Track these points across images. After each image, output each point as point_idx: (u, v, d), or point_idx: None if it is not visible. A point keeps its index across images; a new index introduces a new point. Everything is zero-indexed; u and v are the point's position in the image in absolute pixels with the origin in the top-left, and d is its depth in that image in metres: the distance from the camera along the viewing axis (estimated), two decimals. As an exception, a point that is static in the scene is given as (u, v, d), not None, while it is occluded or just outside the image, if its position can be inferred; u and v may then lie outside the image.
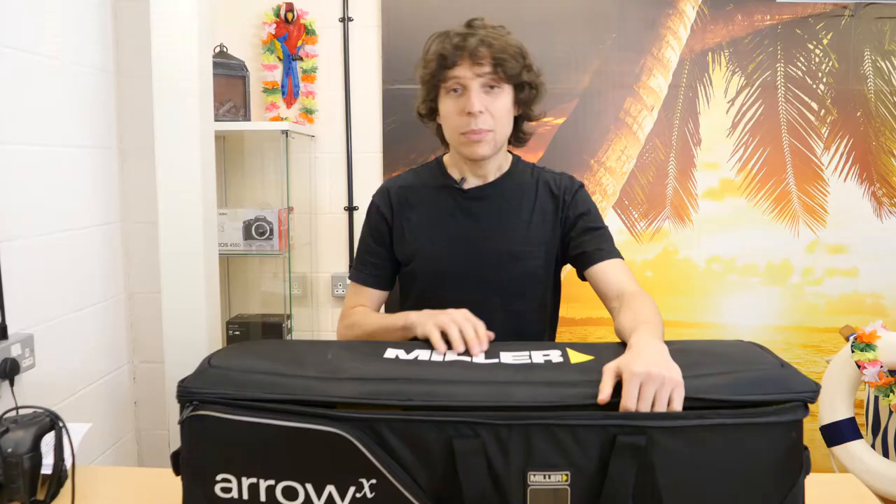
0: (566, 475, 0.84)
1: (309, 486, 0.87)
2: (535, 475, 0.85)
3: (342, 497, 0.86)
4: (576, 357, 1.00)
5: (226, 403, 0.89)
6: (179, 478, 0.93)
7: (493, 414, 0.85)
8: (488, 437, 0.84)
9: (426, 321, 1.11)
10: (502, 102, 1.32)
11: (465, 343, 1.04)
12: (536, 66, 1.37)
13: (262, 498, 0.88)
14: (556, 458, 0.84)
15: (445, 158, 1.47)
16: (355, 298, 1.48)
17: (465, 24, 1.35)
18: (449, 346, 1.05)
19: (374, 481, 0.85)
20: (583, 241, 1.38)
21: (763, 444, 0.85)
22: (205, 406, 0.89)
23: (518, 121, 1.41)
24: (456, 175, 1.43)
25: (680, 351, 0.97)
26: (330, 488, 0.86)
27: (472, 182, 1.42)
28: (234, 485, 0.89)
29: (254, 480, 0.88)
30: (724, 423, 0.84)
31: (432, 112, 1.39)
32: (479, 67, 1.28)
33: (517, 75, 1.31)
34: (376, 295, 1.48)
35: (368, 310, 1.45)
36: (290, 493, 0.87)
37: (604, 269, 1.34)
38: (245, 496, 0.88)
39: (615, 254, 1.37)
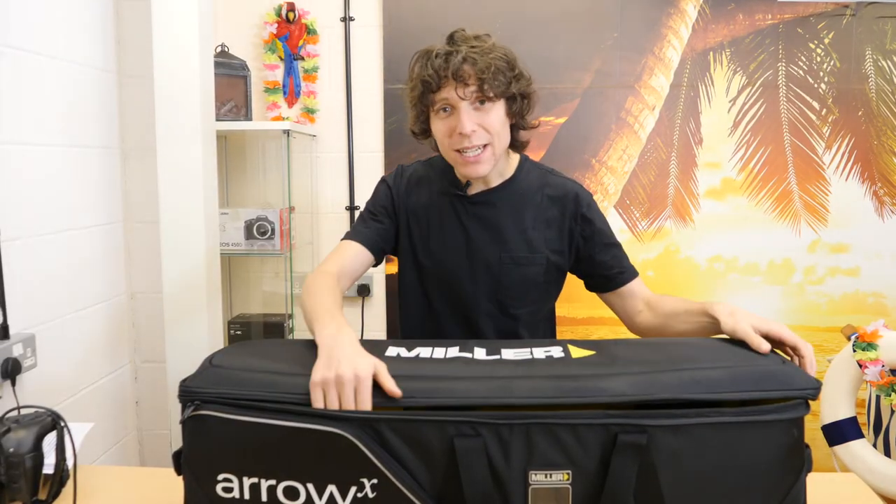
0: (567, 474, 0.84)
1: (310, 486, 0.87)
2: (536, 474, 0.84)
3: (343, 497, 0.86)
4: (577, 352, 1.00)
5: (227, 403, 0.89)
6: (181, 478, 0.93)
7: (495, 413, 0.85)
8: (489, 436, 0.84)
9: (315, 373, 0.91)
10: (494, 116, 1.28)
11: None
12: (527, 73, 1.32)
13: (264, 498, 0.88)
14: (557, 457, 0.84)
15: None
16: (336, 256, 1.36)
17: (447, 39, 1.30)
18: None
19: (375, 481, 0.85)
20: (603, 260, 1.40)
21: (765, 441, 0.85)
22: (206, 406, 0.89)
23: (513, 129, 1.38)
24: (461, 178, 1.41)
25: (680, 345, 0.97)
26: (331, 488, 0.86)
27: (476, 187, 1.41)
28: (235, 485, 0.89)
29: (255, 480, 0.88)
30: (726, 422, 0.84)
31: (425, 131, 1.37)
32: (465, 88, 1.24)
33: (505, 89, 1.27)
34: (362, 254, 1.37)
35: (332, 281, 1.25)
36: (291, 493, 0.87)
37: (631, 290, 1.40)
38: (246, 496, 0.88)
39: (633, 270, 1.43)
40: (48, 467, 1.12)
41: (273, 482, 0.87)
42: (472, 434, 0.84)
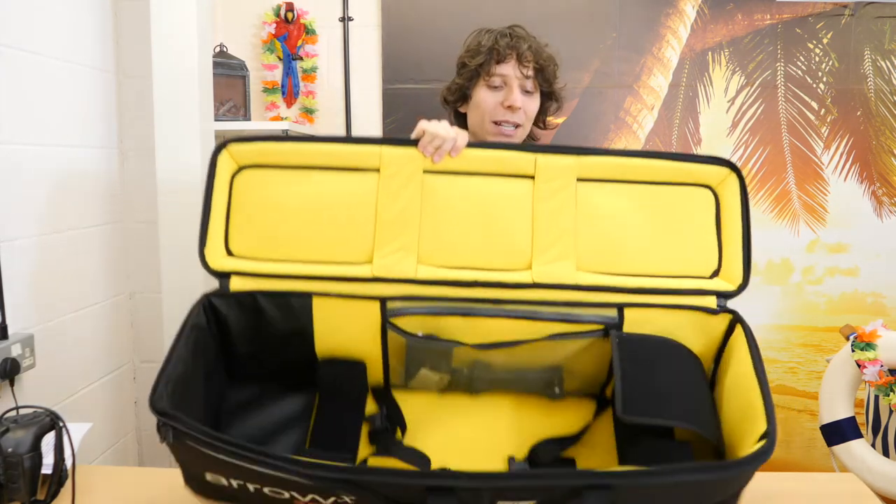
0: None
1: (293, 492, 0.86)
2: None
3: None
4: None
5: (203, 442, 0.87)
6: (179, 478, 0.94)
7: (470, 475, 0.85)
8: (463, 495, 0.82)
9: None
10: (533, 105, 1.45)
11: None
12: (562, 83, 1.52)
13: (251, 490, 0.88)
14: None
15: None
16: None
17: (508, 27, 1.46)
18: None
19: (353, 497, 0.84)
20: None
21: (730, 488, 0.87)
22: (183, 435, 0.88)
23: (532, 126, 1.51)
24: None
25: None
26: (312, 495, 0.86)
27: None
28: (223, 480, 0.89)
29: (241, 482, 0.88)
30: (691, 481, 0.84)
31: (460, 99, 1.48)
32: (525, 69, 1.40)
33: (550, 86, 1.45)
34: None
35: None
36: (276, 491, 0.87)
37: None
38: (234, 486, 0.89)
39: None
40: (47, 467, 1.12)
41: (258, 486, 0.87)
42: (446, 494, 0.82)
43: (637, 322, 1.12)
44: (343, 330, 1.14)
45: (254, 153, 1.14)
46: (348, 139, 1.17)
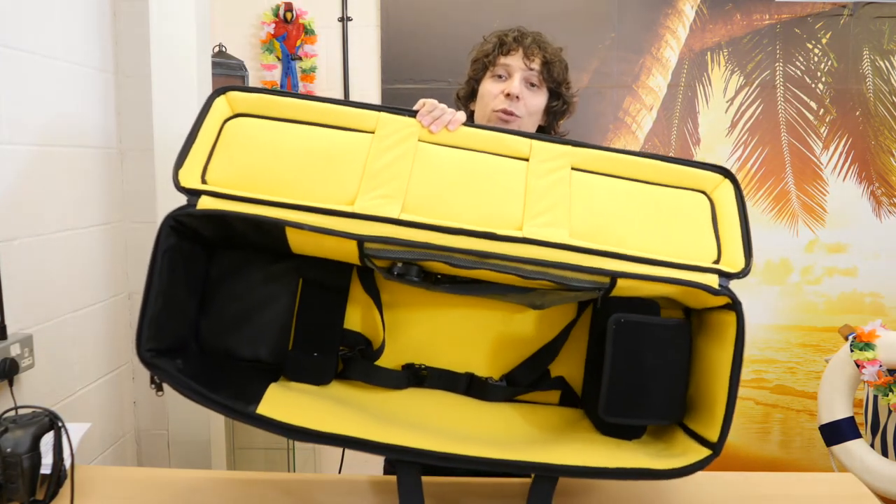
0: None
1: None
2: None
3: None
4: None
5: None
6: (178, 478, 0.95)
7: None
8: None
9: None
10: (537, 101, 1.44)
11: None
12: (576, 90, 1.50)
13: None
14: None
15: None
16: None
17: (518, 26, 1.47)
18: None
19: None
20: None
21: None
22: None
23: (541, 131, 1.49)
24: None
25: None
26: None
27: None
28: None
29: None
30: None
31: (471, 95, 1.50)
32: (529, 62, 1.41)
33: (558, 83, 1.44)
34: None
35: None
36: None
37: None
38: None
39: None
40: (46, 467, 1.12)
41: None
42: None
43: (629, 291, 1.10)
44: (320, 253, 1.14)
45: (253, 103, 1.12)
46: (348, 102, 1.15)
